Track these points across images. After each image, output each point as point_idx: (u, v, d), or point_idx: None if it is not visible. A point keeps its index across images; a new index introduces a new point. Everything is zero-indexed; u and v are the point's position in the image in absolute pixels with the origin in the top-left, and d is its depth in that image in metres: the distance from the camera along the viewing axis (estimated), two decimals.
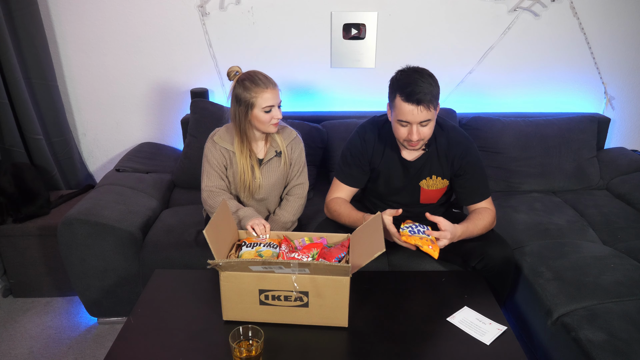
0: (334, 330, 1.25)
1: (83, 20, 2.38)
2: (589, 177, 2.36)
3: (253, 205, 1.79)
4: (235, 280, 1.22)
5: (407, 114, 1.43)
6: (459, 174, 1.63)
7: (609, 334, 1.29)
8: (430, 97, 1.41)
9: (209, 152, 1.71)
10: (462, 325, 1.27)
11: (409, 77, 1.43)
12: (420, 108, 1.41)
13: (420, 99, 1.40)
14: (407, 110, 1.43)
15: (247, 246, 1.39)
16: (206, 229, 1.18)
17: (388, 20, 2.41)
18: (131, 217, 1.88)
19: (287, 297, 1.22)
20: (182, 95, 2.56)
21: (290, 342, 1.21)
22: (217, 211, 1.30)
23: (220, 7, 2.37)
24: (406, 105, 1.42)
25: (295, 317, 1.25)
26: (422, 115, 1.43)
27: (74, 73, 2.50)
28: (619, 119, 2.65)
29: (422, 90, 1.39)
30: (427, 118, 1.44)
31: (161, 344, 1.21)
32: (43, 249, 2.09)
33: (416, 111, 1.42)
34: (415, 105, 1.41)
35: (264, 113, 1.59)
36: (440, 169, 1.64)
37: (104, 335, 1.95)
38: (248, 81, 1.58)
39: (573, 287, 1.51)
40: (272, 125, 1.63)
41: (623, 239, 1.86)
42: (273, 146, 1.74)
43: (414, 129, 1.46)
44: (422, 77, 1.42)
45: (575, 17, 2.41)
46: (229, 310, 1.27)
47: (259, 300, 1.24)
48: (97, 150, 2.70)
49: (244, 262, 1.18)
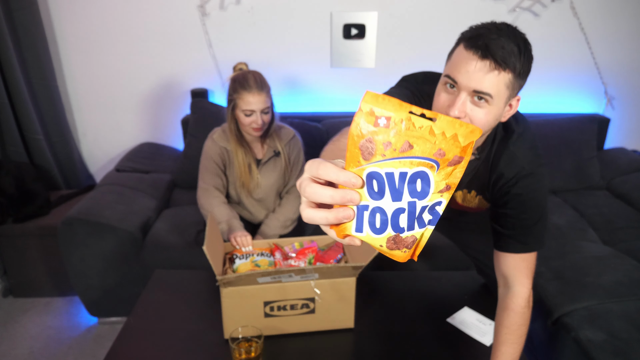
0: (339, 333, 1.25)
1: (83, 20, 2.38)
2: (589, 177, 2.36)
3: (252, 204, 1.79)
4: (237, 295, 1.18)
5: (462, 65, 0.86)
6: (499, 203, 1.07)
7: (609, 334, 1.29)
8: (511, 60, 0.84)
9: (207, 150, 1.72)
10: (462, 326, 1.27)
11: (488, 30, 0.86)
12: (487, 63, 0.84)
13: (493, 51, 0.83)
14: (463, 59, 0.86)
15: (239, 258, 1.37)
16: (205, 244, 1.14)
17: (388, 20, 2.41)
18: (131, 217, 1.88)
19: (293, 305, 1.21)
20: (182, 95, 2.56)
21: (295, 348, 1.21)
22: (209, 225, 1.25)
23: (221, 7, 2.37)
24: (465, 53, 0.86)
25: (301, 325, 1.24)
26: (487, 78, 0.84)
27: (74, 73, 2.50)
28: (619, 119, 2.65)
29: (502, 44, 0.84)
30: (490, 89, 0.85)
31: (161, 344, 1.21)
32: (43, 249, 2.08)
33: (479, 66, 0.84)
34: (479, 57, 0.84)
35: (244, 116, 1.59)
36: (481, 187, 1.11)
37: (104, 335, 1.95)
38: (237, 81, 1.59)
39: (573, 287, 1.51)
40: (251, 129, 1.62)
41: (623, 239, 1.86)
42: (271, 146, 1.74)
43: (462, 97, 0.87)
44: (508, 35, 0.85)
45: (575, 17, 2.41)
46: (231, 327, 1.19)
47: (263, 313, 1.21)
48: (97, 150, 2.69)
49: (252, 274, 1.14)
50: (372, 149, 0.41)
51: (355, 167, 0.42)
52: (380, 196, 0.42)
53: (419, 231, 0.44)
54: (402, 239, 0.44)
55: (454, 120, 0.40)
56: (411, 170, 0.41)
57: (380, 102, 0.39)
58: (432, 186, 0.42)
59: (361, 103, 0.39)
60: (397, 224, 0.43)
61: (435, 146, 0.40)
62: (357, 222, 0.44)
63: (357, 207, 0.44)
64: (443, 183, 0.42)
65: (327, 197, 0.42)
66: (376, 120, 0.40)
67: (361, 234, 0.44)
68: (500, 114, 0.92)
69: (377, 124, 0.40)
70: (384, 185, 0.42)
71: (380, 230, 0.44)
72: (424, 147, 0.40)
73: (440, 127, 0.40)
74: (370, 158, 0.41)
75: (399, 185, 0.42)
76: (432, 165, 0.41)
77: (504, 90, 0.87)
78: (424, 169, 0.41)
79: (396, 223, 0.43)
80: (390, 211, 0.43)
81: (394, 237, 0.44)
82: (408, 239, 0.44)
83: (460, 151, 0.41)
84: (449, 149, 0.41)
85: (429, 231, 0.45)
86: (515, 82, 0.88)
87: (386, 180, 0.42)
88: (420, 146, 0.40)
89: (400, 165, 0.41)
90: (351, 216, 0.43)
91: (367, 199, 0.43)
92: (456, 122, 0.40)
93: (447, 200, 0.43)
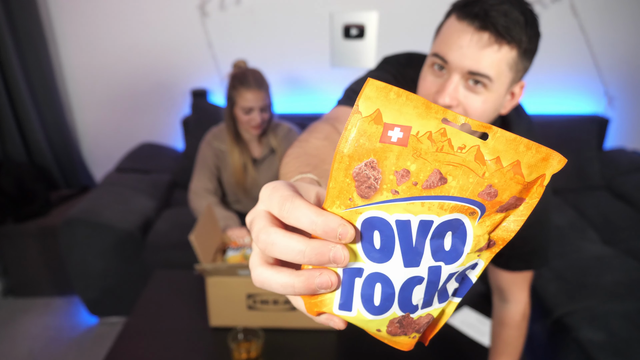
0: (323, 333, 1.24)
1: (83, 20, 2.38)
2: (589, 177, 2.36)
3: (250, 203, 1.79)
4: (222, 285, 1.20)
5: (453, 39, 0.68)
6: None
7: (609, 334, 1.29)
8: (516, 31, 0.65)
9: (201, 153, 1.72)
10: (462, 326, 1.27)
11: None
12: (485, 36, 0.66)
13: (494, 20, 0.65)
14: (455, 32, 0.68)
15: (233, 250, 1.39)
16: (193, 234, 1.14)
17: (388, 20, 2.41)
18: (131, 217, 1.88)
19: (275, 300, 1.21)
20: (182, 95, 2.56)
21: (279, 346, 1.21)
22: (203, 215, 1.26)
23: (221, 8, 2.37)
24: (458, 25, 0.68)
25: (284, 321, 1.25)
26: (486, 54, 0.66)
27: (74, 73, 2.50)
28: (619, 119, 2.65)
29: (505, 11, 0.65)
30: (489, 69, 0.67)
31: (161, 344, 1.21)
32: (43, 249, 2.09)
33: (475, 39, 0.66)
34: (475, 28, 0.66)
35: (243, 113, 1.59)
36: None
37: (104, 335, 1.95)
38: (236, 78, 1.59)
39: (573, 287, 1.51)
40: (250, 128, 1.62)
41: (623, 239, 1.86)
42: (267, 144, 1.74)
43: (453, 81, 0.69)
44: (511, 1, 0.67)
45: (575, 17, 2.41)
46: (216, 316, 1.25)
47: (246, 306, 1.22)
48: (97, 150, 2.70)
49: (232, 266, 1.17)
50: (376, 180, 0.25)
51: (345, 207, 0.26)
52: (384, 257, 0.27)
53: (439, 307, 0.29)
54: (413, 320, 0.29)
55: (517, 138, 0.24)
56: (440, 217, 0.26)
57: (393, 101, 0.24)
58: (469, 243, 0.27)
59: (360, 100, 0.24)
60: (408, 300, 0.28)
61: (483, 180, 0.25)
62: (343, 295, 0.28)
63: (344, 271, 0.28)
64: (486, 238, 0.27)
65: (295, 252, 0.27)
66: (385, 131, 0.24)
67: (348, 313, 0.28)
68: (501, 104, 0.72)
69: (387, 139, 0.24)
70: (393, 240, 0.26)
71: (381, 310, 0.28)
72: (464, 182, 0.25)
73: (494, 148, 0.24)
74: (372, 195, 0.26)
75: (418, 242, 0.26)
76: (474, 211, 0.26)
77: (506, 71, 0.68)
78: (460, 215, 0.26)
79: (407, 298, 0.28)
80: (400, 281, 0.27)
81: (400, 318, 0.28)
82: (421, 320, 0.29)
83: (521, 190, 0.26)
84: (504, 185, 0.25)
85: (452, 306, 0.30)
86: (519, 61, 0.69)
87: (397, 232, 0.26)
88: (458, 180, 0.25)
89: (424, 210, 0.25)
90: (333, 285, 0.27)
91: (361, 260, 0.27)
92: (522, 142, 0.24)
93: (486, 262, 0.28)
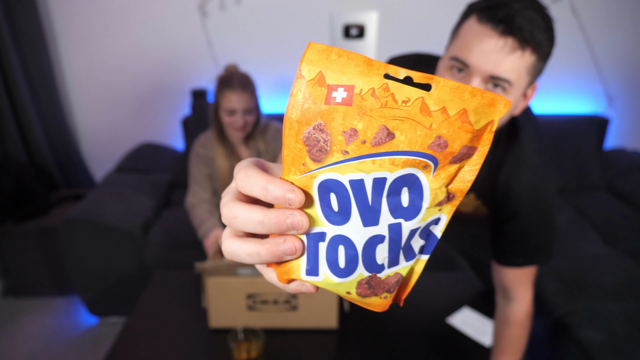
0: (323, 333, 1.25)
1: (83, 20, 2.38)
2: (589, 177, 2.36)
3: None
4: (222, 286, 1.20)
5: (475, 43, 0.69)
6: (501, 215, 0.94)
7: (609, 334, 1.29)
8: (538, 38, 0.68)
9: (191, 165, 1.72)
10: (463, 326, 1.27)
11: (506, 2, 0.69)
12: (509, 41, 0.67)
13: (520, 26, 0.66)
14: (477, 36, 0.69)
15: None
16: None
17: (388, 20, 2.41)
18: (131, 217, 1.88)
19: (275, 300, 1.21)
20: (182, 95, 2.56)
21: (279, 346, 1.21)
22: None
23: (221, 8, 2.37)
24: (480, 28, 0.69)
25: (284, 321, 1.25)
26: (508, 60, 0.68)
27: (74, 73, 2.50)
28: (618, 119, 2.65)
29: (530, 17, 0.67)
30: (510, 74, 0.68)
31: (161, 344, 1.21)
32: (43, 249, 2.08)
33: (499, 44, 0.67)
34: (499, 33, 0.67)
35: (226, 115, 1.58)
36: (482, 189, 0.95)
37: (104, 335, 1.95)
38: (221, 80, 1.59)
39: (573, 287, 1.51)
40: (233, 130, 1.61)
41: (623, 239, 1.86)
42: (254, 148, 1.72)
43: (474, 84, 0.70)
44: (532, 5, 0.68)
45: (575, 17, 2.41)
46: (216, 317, 1.24)
47: (246, 306, 1.22)
48: (97, 150, 2.69)
49: (232, 264, 1.17)
50: (326, 142, 0.25)
51: (299, 172, 0.26)
52: (343, 218, 0.27)
53: (407, 265, 0.29)
54: (381, 280, 0.29)
55: (461, 86, 0.24)
56: (393, 174, 0.26)
57: (335, 61, 0.24)
58: (426, 197, 0.27)
59: (302, 64, 0.24)
60: (372, 260, 0.28)
61: (431, 132, 0.24)
62: (310, 261, 0.28)
63: (308, 237, 0.27)
64: (443, 191, 0.27)
65: (255, 223, 0.26)
66: (329, 92, 0.24)
67: (316, 278, 0.28)
68: (516, 106, 0.75)
69: (332, 100, 0.24)
70: (349, 200, 0.26)
71: (347, 272, 0.28)
72: (412, 135, 0.24)
73: (439, 98, 0.24)
74: (324, 158, 0.25)
75: (374, 200, 0.26)
76: (427, 164, 0.26)
77: (525, 75, 0.70)
78: (413, 170, 0.26)
79: (371, 258, 0.28)
80: (361, 241, 0.27)
81: (368, 279, 0.28)
82: (390, 280, 0.29)
83: (471, 138, 0.25)
84: (453, 135, 0.25)
85: (421, 263, 0.30)
86: (537, 65, 0.71)
87: (352, 192, 0.26)
88: (406, 134, 0.24)
89: (375, 168, 0.25)
90: (297, 250, 0.27)
91: (322, 224, 0.27)
92: (465, 90, 0.24)
93: (448, 216, 0.28)
